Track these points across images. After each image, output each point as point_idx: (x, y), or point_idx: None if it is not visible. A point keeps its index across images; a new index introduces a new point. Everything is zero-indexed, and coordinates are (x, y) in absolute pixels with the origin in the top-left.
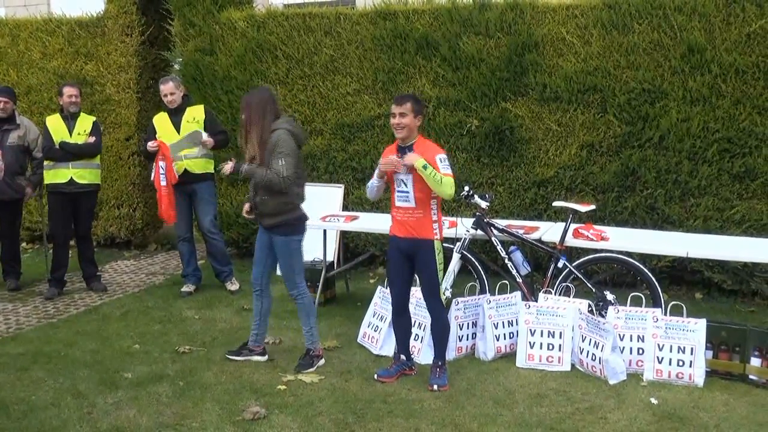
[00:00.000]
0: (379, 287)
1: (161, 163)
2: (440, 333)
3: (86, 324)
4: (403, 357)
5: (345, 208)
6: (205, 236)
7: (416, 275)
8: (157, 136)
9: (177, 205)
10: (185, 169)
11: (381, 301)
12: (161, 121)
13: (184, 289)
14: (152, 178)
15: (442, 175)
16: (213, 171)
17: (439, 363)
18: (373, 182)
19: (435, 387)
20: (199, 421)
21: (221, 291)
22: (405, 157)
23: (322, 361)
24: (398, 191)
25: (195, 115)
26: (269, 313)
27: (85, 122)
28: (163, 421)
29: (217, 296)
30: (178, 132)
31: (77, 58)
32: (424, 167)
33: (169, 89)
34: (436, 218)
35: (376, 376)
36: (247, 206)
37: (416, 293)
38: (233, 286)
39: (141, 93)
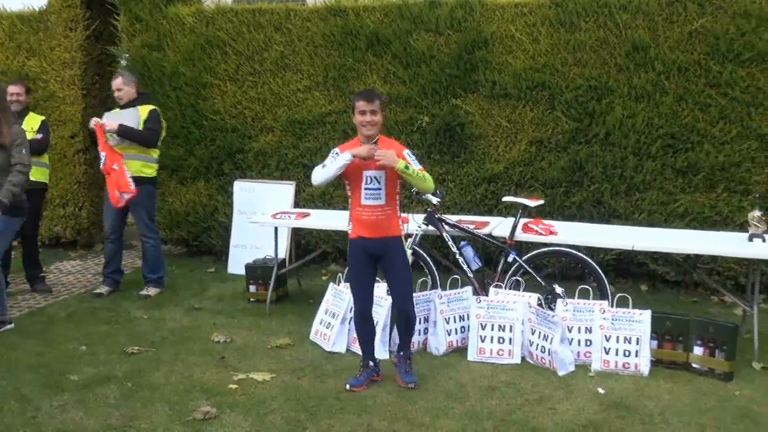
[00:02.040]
0: (331, 284)
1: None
2: (409, 329)
3: (30, 326)
4: (371, 363)
5: (296, 205)
6: (140, 239)
7: (387, 273)
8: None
9: (108, 204)
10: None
11: (333, 298)
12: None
13: (96, 290)
14: (102, 167)
15: (419, 171)
16: (151, 175)
17: (409, 354)
18: (332, 170)
19: (411, 384)
20: (149, 422)
21: (170, 291)
22: (382, 156)
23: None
24: (367, 188)
25: (142, 115)
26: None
27: (32, 121)
28: (111, 423)
29: (166, 296)
30: None
31: (19, 54)
32: (406, 167)
33: (116, 85)
34: (399, 214)
35: (347, 386)
36: None
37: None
38: (146, 291)
39: (86, 89)
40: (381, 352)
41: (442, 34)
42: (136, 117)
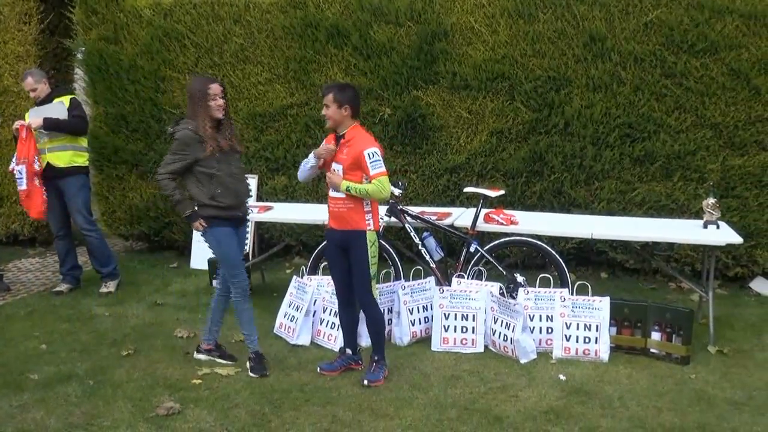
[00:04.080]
0: (295, 277)
1: (18, 168)
2: (374, 327)
3: None
4: (348, 351)
5: (259, 198)
6: (81, 233)
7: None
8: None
9: (48, 201)
10: (48, 163)
11: (296, 291)
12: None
13: (56, 288)
14: (10, 168)
15: (367, 188)
16: (83, 164)
17: (375, 358)
18: (309, 162)
19: (365, 382)
20: (111, 419)
21: (133, 287)
22: (328, 178)
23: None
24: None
25: (66, 105)
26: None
27: None
28: (73, 421)
29: (128, 292)
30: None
31: None
32: (348, 189)
33: (29, 86)
34: (369, 209)
35: (318, 369)
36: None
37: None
38: (106, 288)
39: None
40: (364, 339)
41: (402, 26)
42: (62, 108)
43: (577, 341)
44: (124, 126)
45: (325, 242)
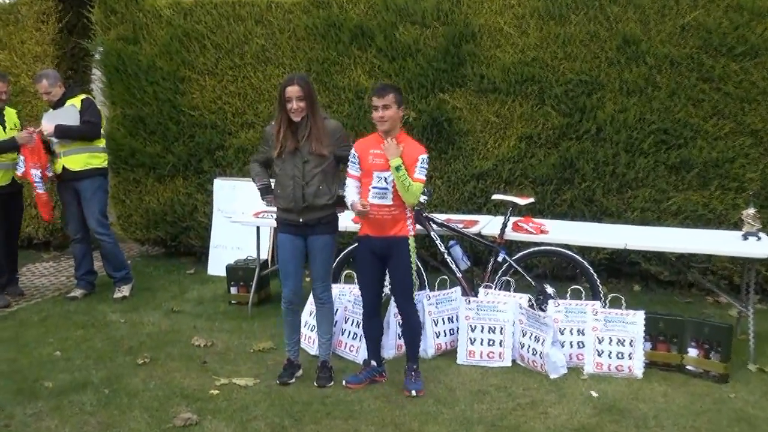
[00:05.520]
0: None
1: (34, 171)
2: (414, 337)
3: (2, 331)
4: (373, 363)
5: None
6: (95, 237)
7: (389, 274)
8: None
9: (65, 205)
10: (63, 167)
11: None
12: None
13: (70, 294)
14: (20, 173)
15: (412, 181)
16: (99, 166)
17: (414, 367)
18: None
19: (413, 392)
20: (126, 429)
21: (148, 293)
22: (387, 146)
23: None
24: (375, 188)
25: (77, 107)
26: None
27: (12, 116)
28: (87, 431)
29: (144, 298)
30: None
31: None
32: (398, 168)
33: (43, 89)
34: (409, 214)
35: (344, 382)
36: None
37: (354, 290)
38: (120, 293)
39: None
40: (389, 351)
41: (429, 27)
42: (74, 112)
43: (609, 356)
44: (142, 128)
45: (348, 250)
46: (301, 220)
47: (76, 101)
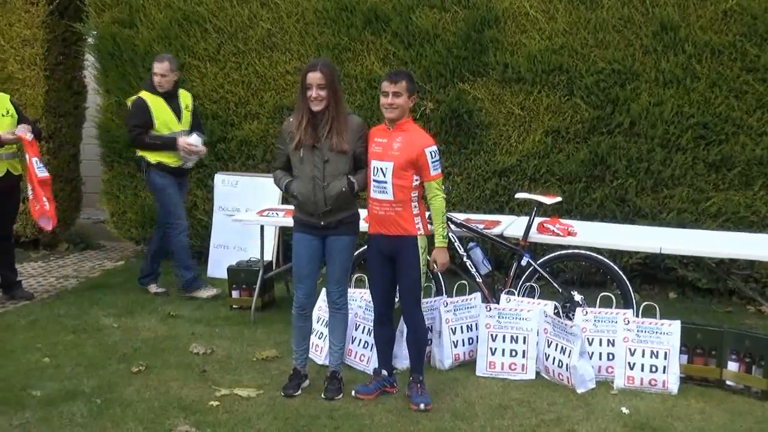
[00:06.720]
0: (323, 290)
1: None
2: (418, 346)
3: None
4: (384, 372)
5: (285, 200)
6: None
7: (397, 276)
8: (155, 122)
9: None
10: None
11: (325, 306)
12: (157, 104)
13: (154, 290)
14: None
15: (439, 212)
16: (168, 164)
17: (420, 378)
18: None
19: (421, 406)
20: None
21: (143, 296)
22: (440, 262)
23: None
24: (374, 181)
25: (187, 102)
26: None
27: (5, 102)
28: None
29: (138, 302)
30: (179, 120)
31: None
32: (443, 238)
33: (163, 69)
34: (417, 211)
35: (354, 392)
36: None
37: (366, 295)
38: (156, 288)
39: (49, 70)
40: (402, 362)
41: (448, 11)
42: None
43: (642, 370)
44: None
45: (358, 251)
46: (322, 223)
47: (187, 96)
